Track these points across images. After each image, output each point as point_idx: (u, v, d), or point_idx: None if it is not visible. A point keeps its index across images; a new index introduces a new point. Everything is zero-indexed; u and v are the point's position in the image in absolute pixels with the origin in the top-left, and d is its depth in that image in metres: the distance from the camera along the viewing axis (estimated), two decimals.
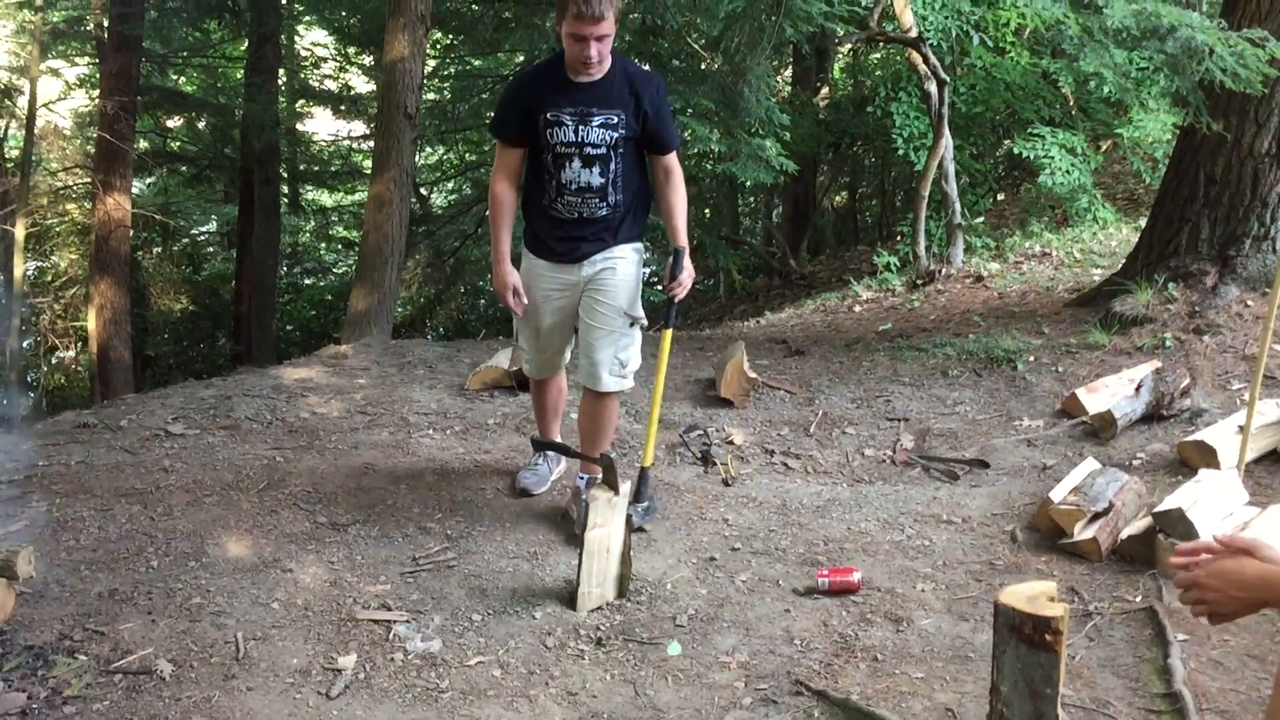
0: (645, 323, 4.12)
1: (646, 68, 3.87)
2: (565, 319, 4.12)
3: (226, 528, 3.94)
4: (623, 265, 4.01)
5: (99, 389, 11.82)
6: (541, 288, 4.05)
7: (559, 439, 4.51)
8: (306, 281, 20.64)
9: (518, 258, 4.12)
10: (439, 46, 15.69)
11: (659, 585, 3.67)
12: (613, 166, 3.87)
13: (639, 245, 4.08)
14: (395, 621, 3.36)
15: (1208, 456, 4.40)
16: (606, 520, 3.49)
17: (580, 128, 3.80)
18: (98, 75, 14.33)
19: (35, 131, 12.50)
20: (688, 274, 3.94)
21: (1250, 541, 1.85)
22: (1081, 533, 3.85)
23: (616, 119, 3.81)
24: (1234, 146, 5.95)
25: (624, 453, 4.85)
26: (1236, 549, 1.85)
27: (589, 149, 3.82)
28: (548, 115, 3.81)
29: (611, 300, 3.99)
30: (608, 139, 3.81)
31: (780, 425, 5.34)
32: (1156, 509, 3.79)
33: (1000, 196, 14.30)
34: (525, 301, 3.99)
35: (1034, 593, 2.37)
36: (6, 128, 14.66)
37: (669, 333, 4.04)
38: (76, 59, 16.20)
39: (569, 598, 3.52)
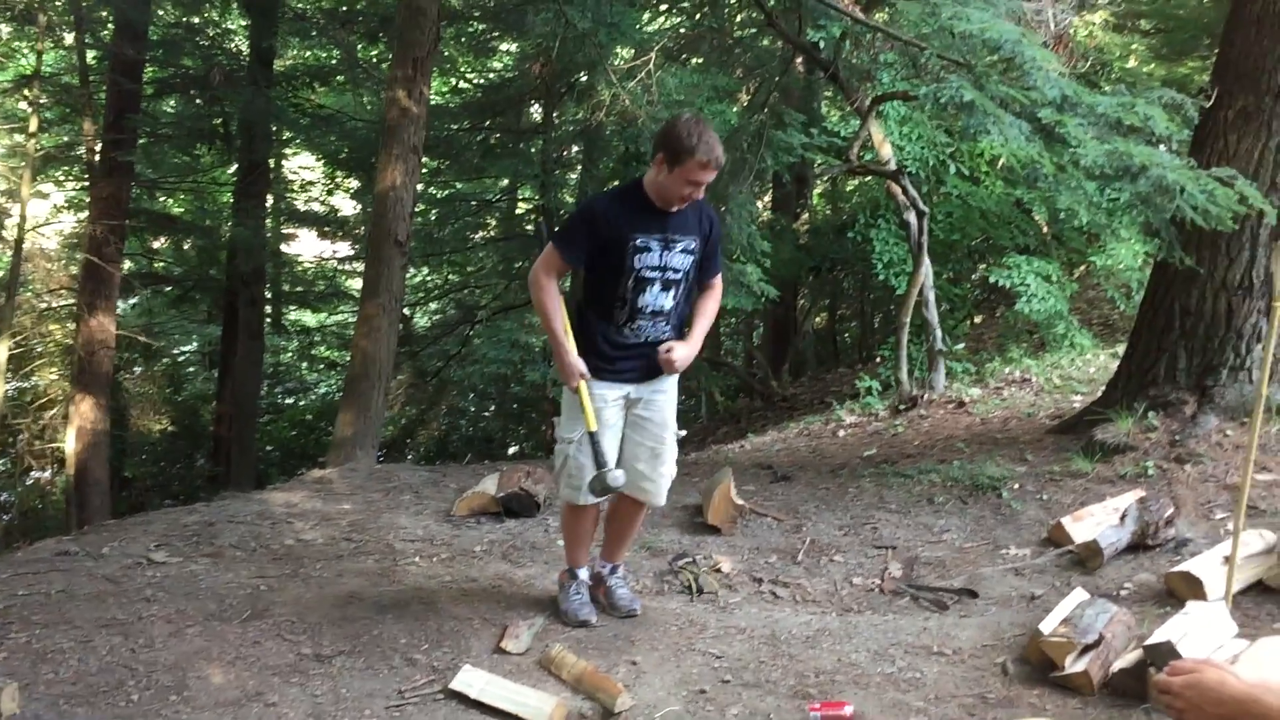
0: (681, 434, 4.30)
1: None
2: (616, 435, 4.16)
3: (209, 659, 3.87)
4: (671, 386, 4.20)
5: (75, 511, 11.69)
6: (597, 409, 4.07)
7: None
8: (287, 401, 20.56)
9: None
10: (425, 170, 16.00)
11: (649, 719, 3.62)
12: (683, 290, 4.06)
13: None
14: None
15: (1194, 588, 4.39)
16: None
17: (664, 253, 3.95)
18: (86, 198, 14.50)
19: (22, 254, 12.56)
20: (683, 355, 4.03)
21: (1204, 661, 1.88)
22: (1073, 665, 3.83)
23: (693, 244, 4.01)
24: (1207, 279, 6.09)
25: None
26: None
27: (670, 273, 3.99)
28: (636, 241, 3.91)
29: (666, 419, 4.18)
30: (686, 264, 4.00)
31: (768, 553, 5.33)
32: (1147, 642, 3.78)
33: (977, 320, 14.52)
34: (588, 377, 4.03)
35: None
36: None
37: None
38: (65, 182, 16.37)
39: None
